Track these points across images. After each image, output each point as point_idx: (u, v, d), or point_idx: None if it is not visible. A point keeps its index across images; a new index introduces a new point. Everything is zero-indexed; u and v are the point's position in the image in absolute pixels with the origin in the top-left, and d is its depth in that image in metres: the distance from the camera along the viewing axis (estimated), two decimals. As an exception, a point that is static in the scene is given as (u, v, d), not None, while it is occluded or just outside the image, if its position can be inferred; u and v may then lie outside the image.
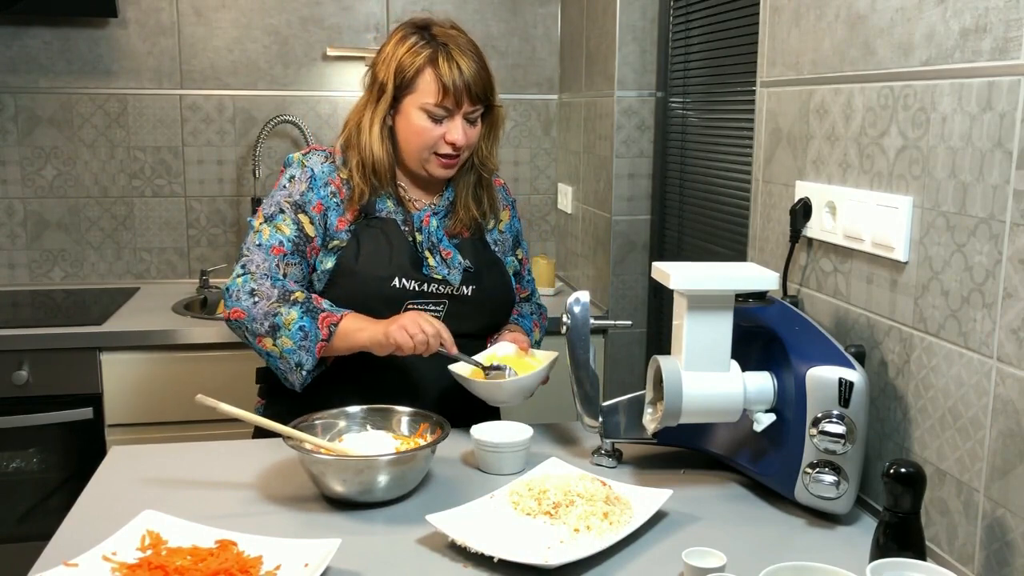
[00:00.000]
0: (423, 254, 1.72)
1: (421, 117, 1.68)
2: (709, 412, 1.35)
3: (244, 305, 1.62)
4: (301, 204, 1.69)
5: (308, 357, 1.59)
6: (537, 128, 3.18)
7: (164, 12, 2.89)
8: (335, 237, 1.70)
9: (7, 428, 2.36)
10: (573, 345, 1.51)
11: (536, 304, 1.99)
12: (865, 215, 1.34)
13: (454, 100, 1.66)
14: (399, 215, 1.74)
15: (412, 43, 1.68)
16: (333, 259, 1.69)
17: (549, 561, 1.15)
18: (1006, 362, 1.08)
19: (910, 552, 1.08)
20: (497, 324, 1.81)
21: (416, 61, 1.66)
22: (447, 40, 1.68)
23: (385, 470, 1.34)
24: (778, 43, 1.61)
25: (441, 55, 1.66)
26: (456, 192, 1.79)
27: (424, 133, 1.68)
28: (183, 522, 1.25)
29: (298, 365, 1.60)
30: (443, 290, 1.71)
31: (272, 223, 1.68)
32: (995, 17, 1.08)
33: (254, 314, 1.61)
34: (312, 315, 1.59)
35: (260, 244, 1.67)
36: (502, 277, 1.82)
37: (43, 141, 2.88)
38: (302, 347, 1.59)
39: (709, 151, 2.25)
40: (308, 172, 1.72)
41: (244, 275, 1.65)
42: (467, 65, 1.66)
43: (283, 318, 1.59)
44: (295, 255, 1.67)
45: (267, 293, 1.62)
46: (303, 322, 1.58)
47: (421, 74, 1.66)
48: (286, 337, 1.59)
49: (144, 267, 3.01)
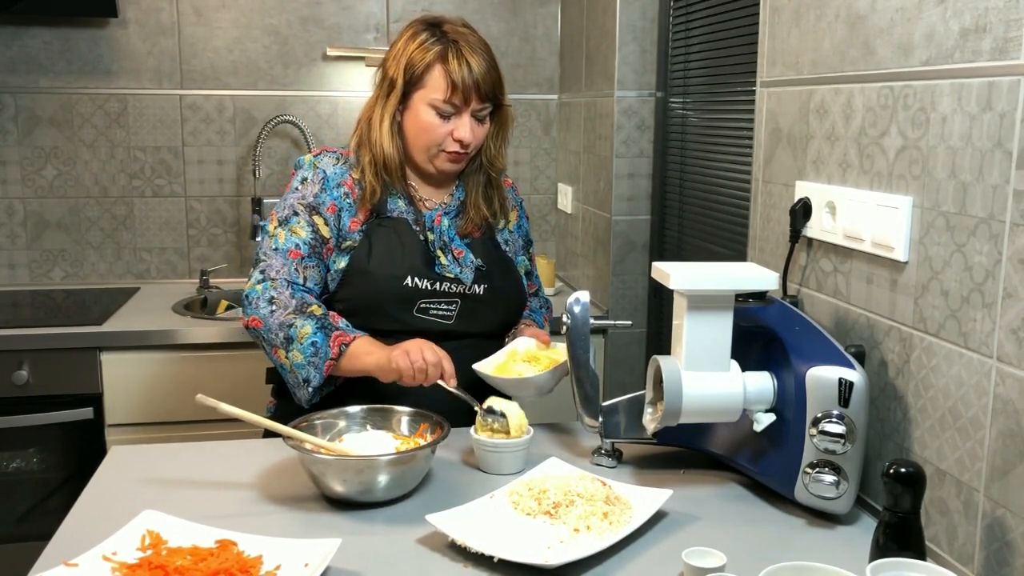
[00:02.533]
0: (435, 253, 1.72)
1: (429, 113, 1.68)
2: (709, 412, 1.35)
3: (262, 313, 1.62)
4: (315, 206, 1.69)
5: (316, 374, 1.59)
6: (537, 128, 3.18)
7: (164, 12, 2.89)
8: (348, 237, 1.70)
9: (7, 428, 2.36)
10: (573, 345, 1.51)
11: (543, 299, 2.01)
12: (865, 215, 1.34)
13: (462, 97, 1.66)
14: (410, 215, 1.74)
15: (423, 40, 1.69)
16: (346, 259, 1.69)
17: (549, 561, 1.15)
18: (1006, 362, 1.08)
19: (910, 552, 1.08)
20: (509, 323, 1.81)
21: (426, 57, 1.67)
22: (458, 37, 1.68)
23: (385, 470, 1.34)
24: (778, 43, 1.61)
25: (451, 52, 1.66)
26: (466, 191, 1.80)
27: (432, 129, 1.69)
28: (183, 522, 1.25)
29: (305, 381, 1.60)
30: (455, 289, 1.71)
31: (287, 226, 1.68)
32: (995, 17, 1.08)
33: (270, 324, 1.61)
34: (326, 332, 1.59)
35: (277, 248, 1.67)
36: (513, 276, 1.83)
37: (43, 141, 2.88)
38: (311, 363, 1.59)
39: (709, 151, 2.24)
40: (320, 173, 1.72)
41: (264, 281, 1.65)
42: (477, 63, 1.67)
43: (297, 331, 1.59)
44: (312, 257, 1.67)
45: (285, 303, 1.62)
46: (316, 337, 1.58)
47: (431, 70, 1.67)
48: (297, 351, 1.59)
49: (144, 267, 3.01)
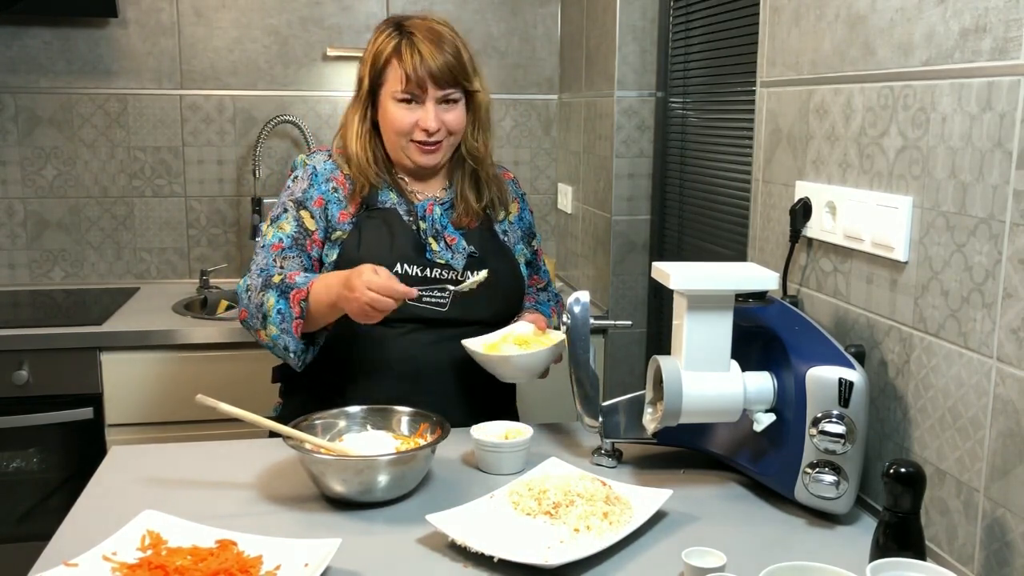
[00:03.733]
0: (426, 240, 1.73)
1: (394, 106, 1.72)
2: (709, 412, 1.35)
3: (244, 303, 1.66)
4: (302, 201, 1.73)
5: (290, 340, 1.60)
6: (537, 128, 3.18)
7: (164, 12, 2.89)
8: (337, 228, 1.72)
9: (7, 428, 2.36)
10: (573, 345, 1.51)
11: (553, 293, 2.02)
12: (865, 215, 1.34)
13: (416, 85, 1.69)
14: (402, 206, 1.76)
15: (383, 38, 1.74)
16: (337, 250, 1.71)
17: (549, 561, 1.15)
18: (1006, 362, 1.08)
19: (910, 552, 1.08)
20: (507, 312, 1.81)
21: (385, 52, 1.72)
22: (413, 30, 1.72)
23: (385, 470, 1.34)
24: (778, 43, 1.61)
25: (404, 43, 1.71)
26: (454, 185, 1.81)
27: (398, 122, 1.72)
28: (183, 522, 1.25)
29: (286, 349, 1.62)
30: (447, 275, 1.72)
31: (276, 224, 1.73)
32: (995, 17, 1.08)
33: (250, 309, 1.64)
34: (286, 296, 1.61)
35: (264, 245, 1.72)
36: (510, 264, 1.83)
37: (43, 141, 2.88)
38: (283, 331, 1.60)
39: (709, 151, 2.24)
40: (310, 169, 1.77)
41: (246, 278, 1.69)
42: (429, 51, 1.69)
43: (266, 305, 1.61)
44: (293, 248, 1.70)
45: (255, 285, 1.65)
46: (280, 305, 1.60)
47: (389, 64, 1.72)
48: (272, 325, 1.61)
49: (144, 267, 3.01)
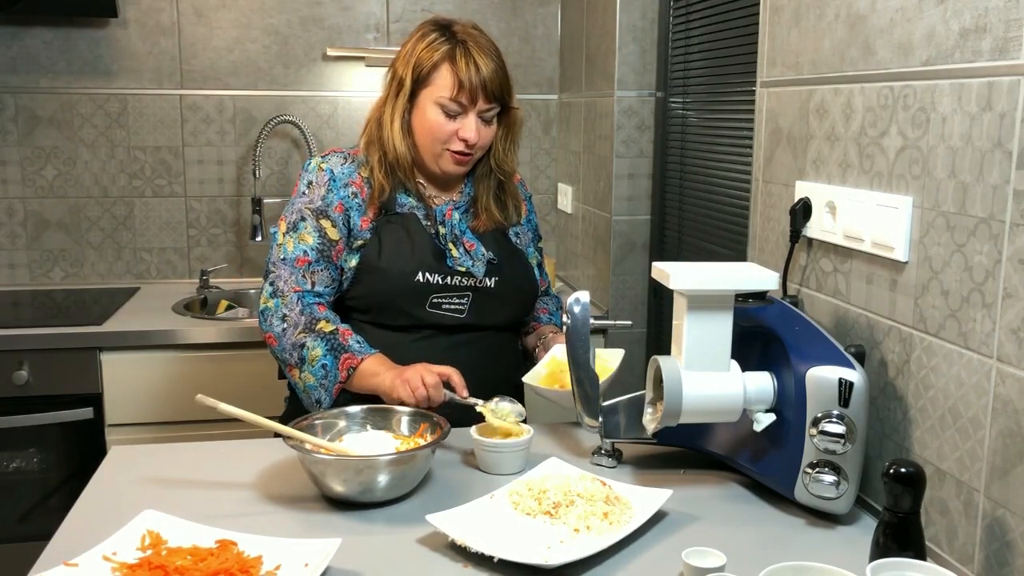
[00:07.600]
0: (446, 246, 1.73)
1: (436, 112, 1.69)
2: (709, 412, 1.35)
3: (276, 331, 1.66)
4: (323, 209, 1.70)
5: (326, 396, 1.63)
6: (537, 128, 3.18)
7: (164, 12, 2.89)
8: (359, 236, 1.71)
9: (7, 428, 2.36)
10: (573, 345, 1.51)
11: (555, 297, 2.02)
12: (865, 215, 1.34)
13: (468, 96, 1.67)
14: (420, 210, 1.75)
15: (432, 40, 1.70)
16: (357, 257, 1.70)
17: (549, 561, 1.15)
18: (1006, 362, 1.08)
19: (910, 552, 1.08)
20: (522, 316, 1.81)
21: (434, 56, 1.68)
22: (467, 38, 1.70)
23: (385, 470, 1.34)
24: (778, 43, 1.61)
25: (459, 51, 1.68)
26: (477, 194, 1.80)
27: (437, 128, 1.69)
28: (183, 522, 1.24)
29: (317, 402, 1.64)
30: (467, 282, 1.72)
31: (295, 233, 1.70)
32: (995, 17, 1.08)
33: (284, 344, 1.65)
34: (335, 353, 1.61)
35: (285, 259, 1.69)
36: (525, 268, 1.83)
37: (43, 141, 2.88)
38: (322, 385, 1.62)
39: (709, 151, 2.24)
40: (327, 175, 1.73)
41: (275, 297, 1.68)
42: (484, 63, 1.68)
43: (309, 352, 1.62)
44: (320, 262, 1.69)
45: (295, 320, 1.65)
46: (326, 360, 1.61)
47: (438, 69, 1.68)
48: (309, 373, 1.62)
49: (144, 267, 3.01)
